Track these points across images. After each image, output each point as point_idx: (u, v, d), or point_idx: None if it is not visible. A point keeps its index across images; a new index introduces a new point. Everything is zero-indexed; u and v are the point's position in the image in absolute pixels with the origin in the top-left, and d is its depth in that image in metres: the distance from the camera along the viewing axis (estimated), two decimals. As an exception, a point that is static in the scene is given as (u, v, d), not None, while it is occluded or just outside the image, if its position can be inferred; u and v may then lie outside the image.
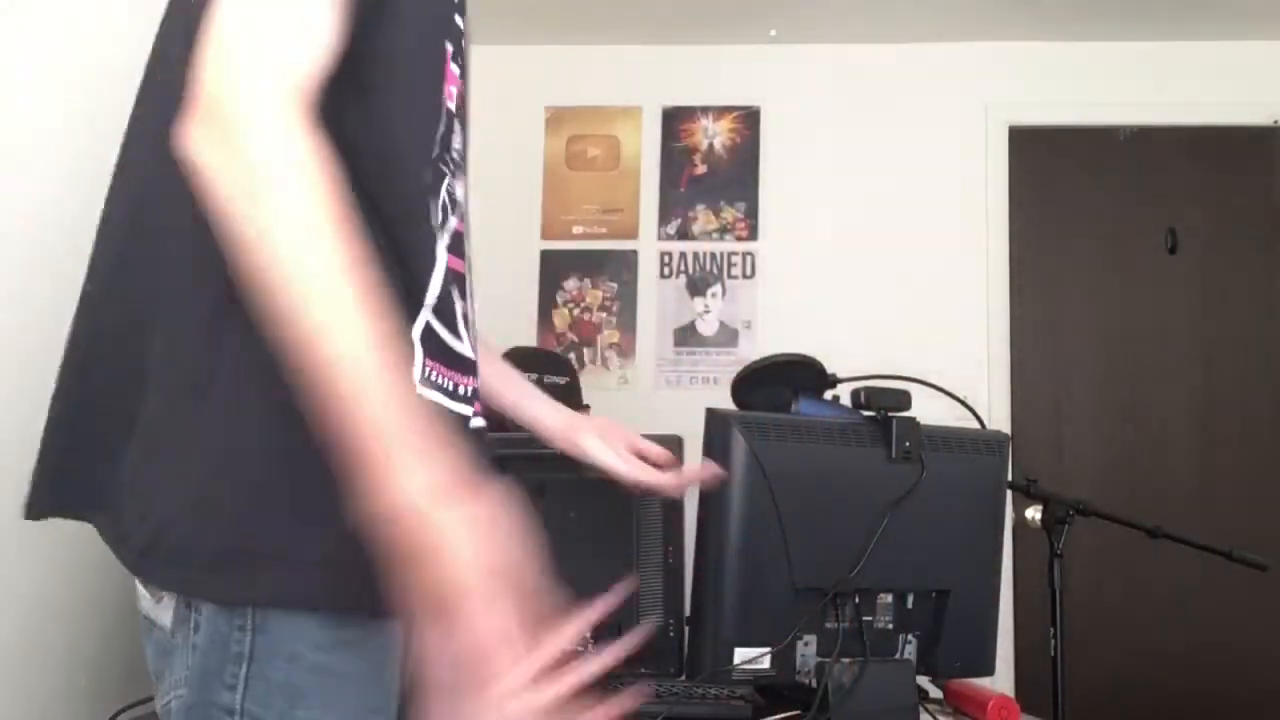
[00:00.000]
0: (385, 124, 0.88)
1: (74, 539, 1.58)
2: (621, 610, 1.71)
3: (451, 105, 0.96)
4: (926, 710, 1.64)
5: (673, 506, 1.75)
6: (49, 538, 1.53)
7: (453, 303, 0.94)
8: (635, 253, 3.60)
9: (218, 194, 0.75)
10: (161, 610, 0.92)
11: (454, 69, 0.96)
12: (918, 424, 1.54)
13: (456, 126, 0.98)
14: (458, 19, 0.98)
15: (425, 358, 0.89)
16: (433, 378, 0.90)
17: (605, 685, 0.78)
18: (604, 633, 1.52)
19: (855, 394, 1.54)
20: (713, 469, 1.42)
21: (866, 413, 1.54)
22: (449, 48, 0.95)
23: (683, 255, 3.60)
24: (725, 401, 1.60)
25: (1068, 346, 3.47)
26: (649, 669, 1.72)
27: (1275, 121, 3.44)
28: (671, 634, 1.73)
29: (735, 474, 1.45)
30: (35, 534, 1.50)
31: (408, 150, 0.90)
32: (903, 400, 1.55)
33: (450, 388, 0.93)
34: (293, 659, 0.84)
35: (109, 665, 1.66)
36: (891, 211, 3.54)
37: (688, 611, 1.51)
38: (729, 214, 3.61)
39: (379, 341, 0.75)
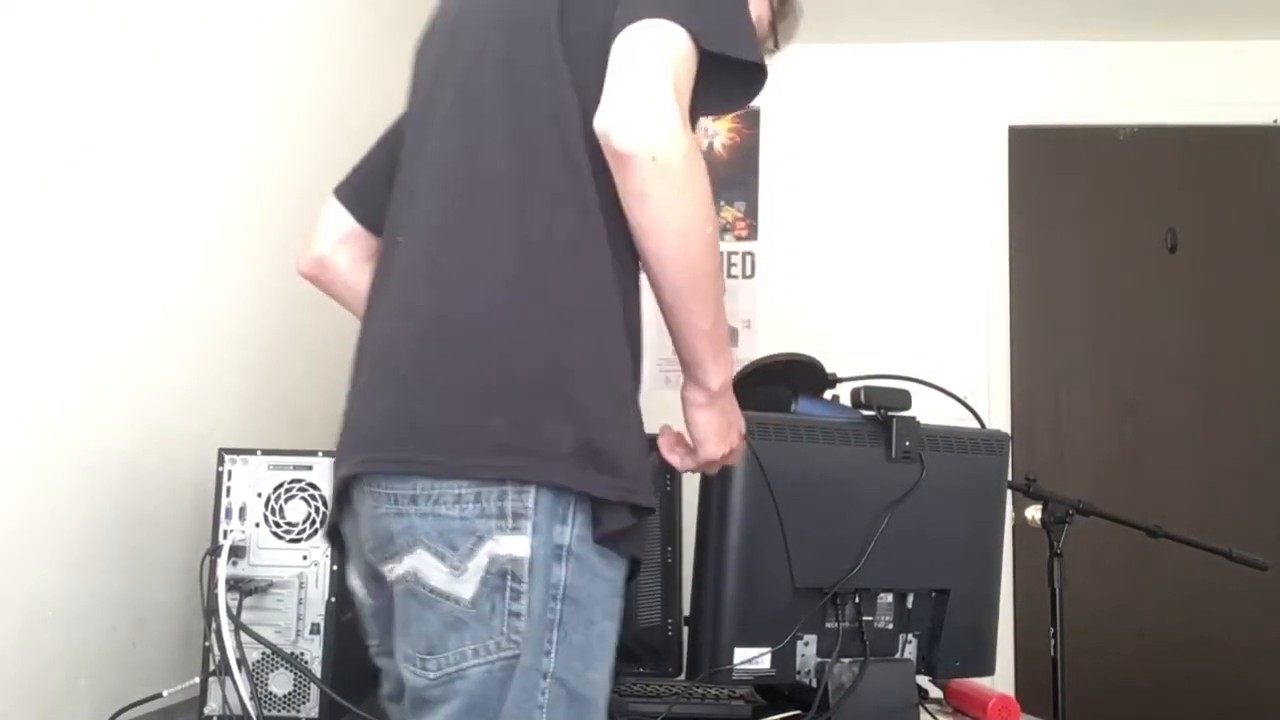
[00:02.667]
0: None
1: (74, 539, 1.58)
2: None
3: None
4: (926, 710, 1.64)
5: (671, 505, 1.75)
6: (49, 538, 1.53)
7: None
8: (635, 253, 3.60)
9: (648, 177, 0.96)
10: (461, 583, 0.96)
11: None
12: (918, 423, 1.54)
13: None
14: None
15: None
16: None
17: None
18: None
19: (855, 393, 1.54)
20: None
21: (867, 412, 1.54)
22: None
23: (683, 255, 3.60)
24: (725, 401, 1.60)
25: (1068, 346, 3.47)
26: (648, 668, 1.72)
27: (1275, 121, 3.44)
28: (670, 633, 1.73)
29: (735, 474, 1.45)
30: (35, 534, 1.50)
31: None
32: (903, 400, 1.55)
33: None
34: (589, 625, 0.97)
35: (109, 665, 1.66)
36: (891, 211, 3.54)
37: (687, 611, 1.51)
38: (729, 214, 3.61)
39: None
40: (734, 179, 3.62)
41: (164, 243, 1.81)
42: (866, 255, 3.53)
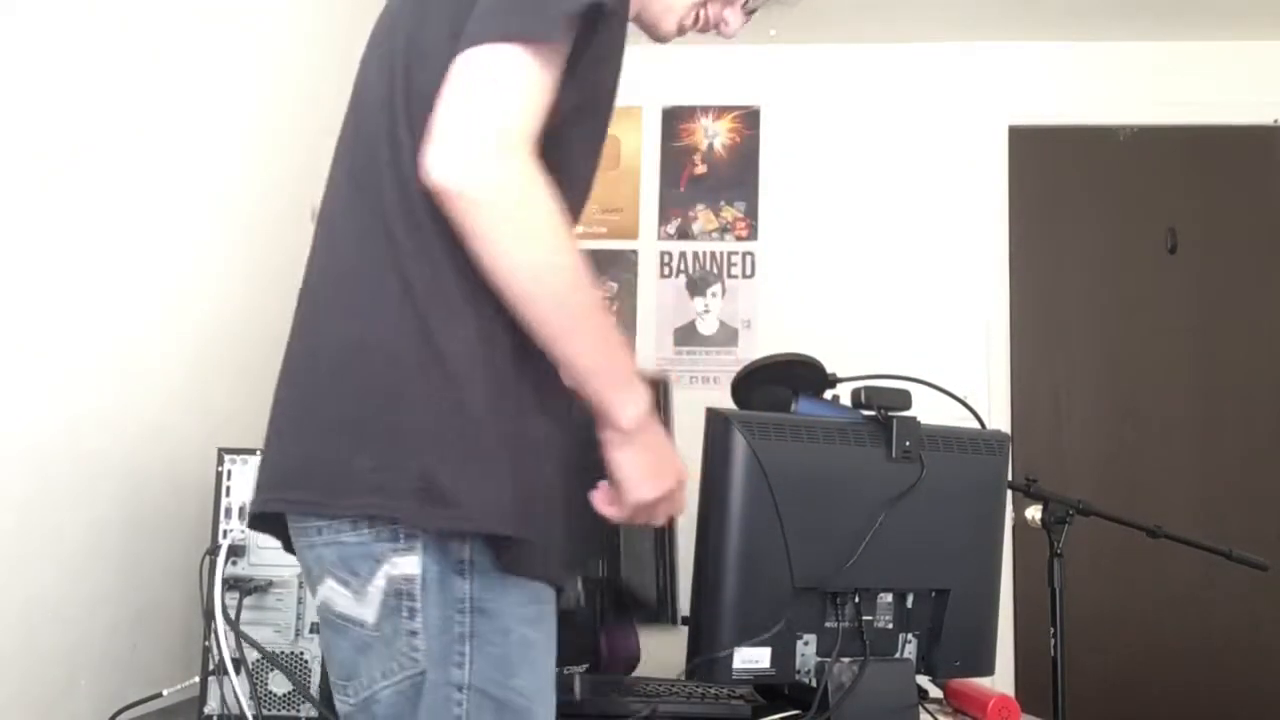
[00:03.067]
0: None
1: (74, 539, 1.58)
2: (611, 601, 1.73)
3: None
4: (926, 710, 1.64)
5: None
6: (49, 538, 1.53)
7: None
8: (635, 252, 3.60)
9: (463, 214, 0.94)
10: (364, 607, 0.99)
11: None
12: (918, 423, 1.54)
13: None
14: None
15: None
16: None
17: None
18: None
19: (855, 393, 1.54)
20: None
21: (867, 412, 1.54)
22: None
23: (682, 255, 3.60)
24: (725, 401, 1.60)
25: (1068, 346, 3.47)
26: (642, 619, 1.74)
27: (1275, 121, 3.44)
28: (661, 584, 1.74)
29: (735, 474, 1.45)
30: (35, 534, 1.50)
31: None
32: (903, 400, 1.54)
33: None
34: (505, 633, 0.98)
35: (109, 665, 1.66)
36: (891, 211, 3.54)
37: (687, 611, 1.51)
38: (729, 214, 3.61)
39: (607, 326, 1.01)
40: (734, 179, 3.62)
41: (164, 243, 1.81)
42: (866, 255, 3.53)
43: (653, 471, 1.06)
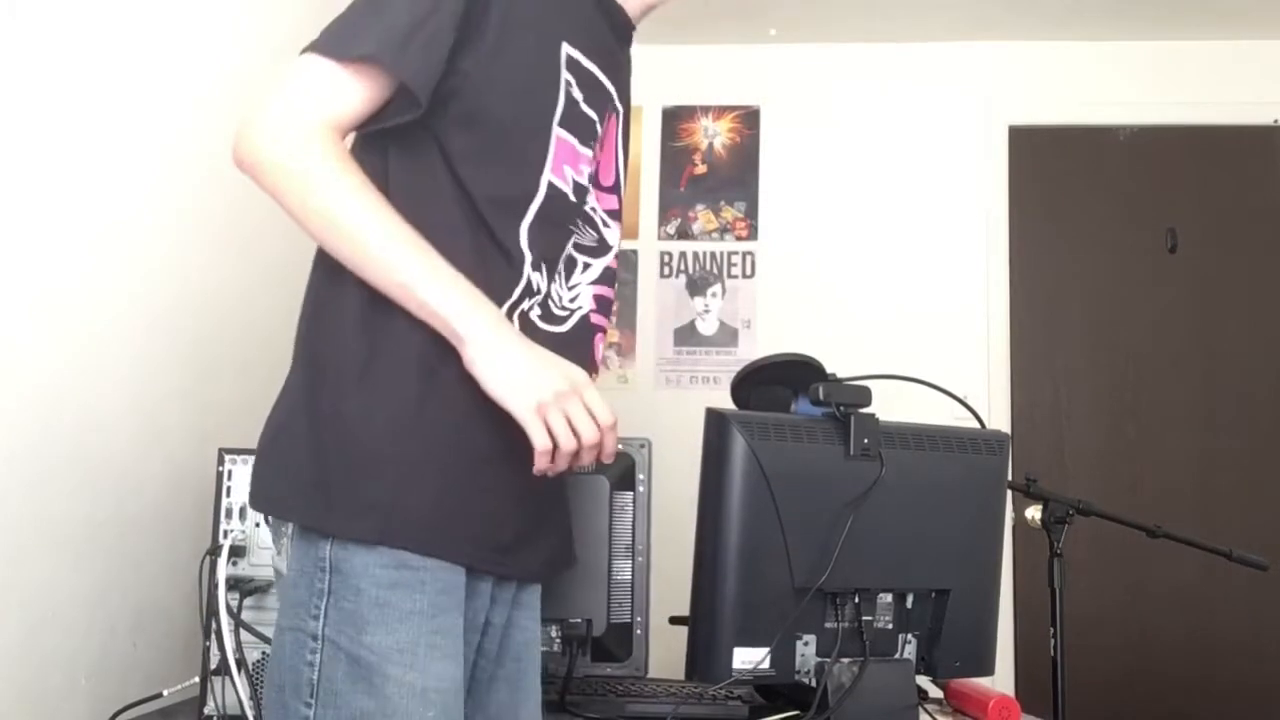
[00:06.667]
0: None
1: (74, 539, 1.58)
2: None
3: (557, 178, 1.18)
4: (926, 710, 1.64)
5: (635, 509, 1.78)
6: (50, 537, 1.53)
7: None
8: (635, 252, 3.60)
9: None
10: (281, 560, 1.17)
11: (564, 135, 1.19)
12: (877, 420, 1.52)
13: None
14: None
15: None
16: None
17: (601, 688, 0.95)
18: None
19: (813, 390, 1.52)
20: None
21: (825, 409, 1.52)
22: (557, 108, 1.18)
23: (683, 255, 3.60)
24: (725, 401, 1.60)
25: (1068, 346, 3.47)
26: (611, 661, 1.75)
27: (1275, 121, 3.44)
28: (639, 631, 1.75)
29: (735, 474, 1.45)
30: (36, 534, 1.50)
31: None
32: (863, 396, 1.52)
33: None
34: (357, 593, 1.07)
35: (109, 665, 1.66)
36: (891, 211, 3.54)
37: (687, 611, 1.51)
38: (729, 214, 3.61)
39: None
40: (734, 179, 3.62)
41: (164, 242, 1.81)
42: (866, 255, 3.53)
43: (526, 375, 1.07)
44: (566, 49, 1.18)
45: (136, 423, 1.73)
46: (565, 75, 1.17)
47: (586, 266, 1.27)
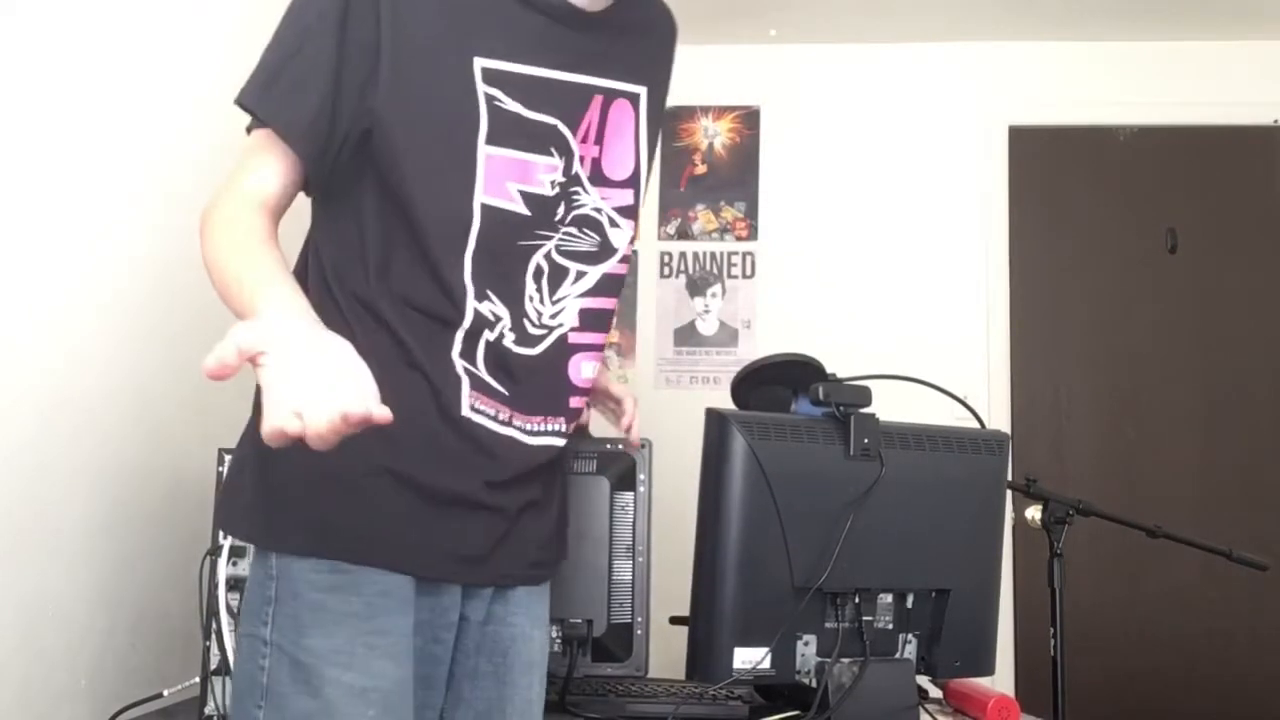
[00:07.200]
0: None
1: (74, 539, 1.58)
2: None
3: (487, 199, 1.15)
4: (926, 710, 1.64)
5: (636, 509, 1.78)
6: (49, 537, 1.53)
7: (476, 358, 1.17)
8: (635, 253, 3.59)
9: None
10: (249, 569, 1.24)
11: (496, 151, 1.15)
12: (877, 420, 1.52)
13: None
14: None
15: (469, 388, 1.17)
16: (475, 405, 1.17)
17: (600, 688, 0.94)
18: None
19: (813, 390, 1.52)
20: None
21: (825, 409, 1.52)
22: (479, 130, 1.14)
23: (682, 255, 3.60)
24: (725, 401, 1.60)
25: (1068, 346, 3.47)
26: (613, 662, 1.75)
27: (1275, 121, 3.44)
28: (639, 631, 1.75)
29: (735, 474, 1.45)
30: (35, 534, 1.50)
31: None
32: (863, 397, 1.52)
33: (491, 414, 1.18)
34: (295, 596, 1.11)
35: (109, 665, 1.66)
36: (891, 211, 3.54)
37: (687, 611, 1.51)
38: (729, 214, 3.61)
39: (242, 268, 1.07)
40: (734, 179, 3.62)
41: (164, 242, 1.81)
42: (867, 255, 3.53)
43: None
44: (481, 63, 1.13)
45: (136, 423, 1.73)
46: (485, 90, 1.13)
47: (580, 276, 1.23)
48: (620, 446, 1.76)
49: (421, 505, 1.16)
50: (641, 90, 1.28)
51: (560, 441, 1.25)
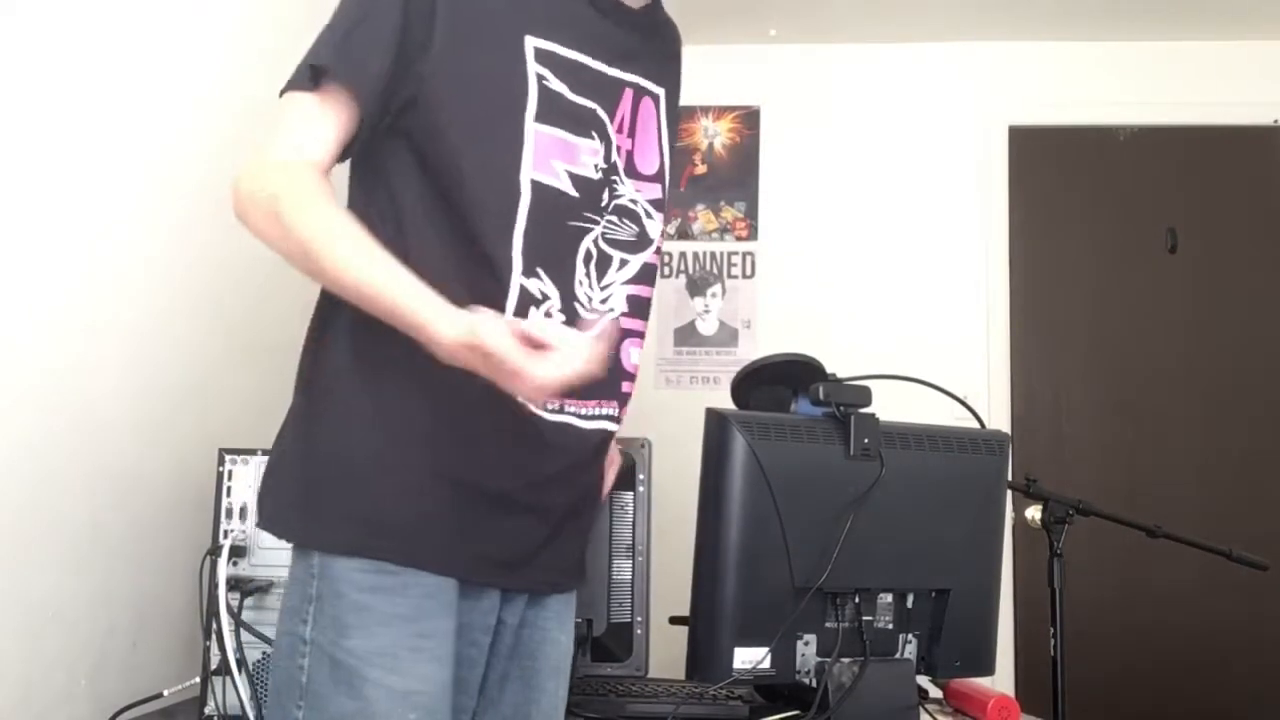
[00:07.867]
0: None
1: (74, 539, 1.58)
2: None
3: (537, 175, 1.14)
4: (926, 710, 1.64)
5: (636, 508, 1.78)
6: (49, 538, 1.53)
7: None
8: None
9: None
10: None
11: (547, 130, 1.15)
12: (877, 420, 1.52)
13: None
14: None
15: None
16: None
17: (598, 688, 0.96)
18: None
19: (813, 390, 1.52)
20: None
21: (825, 409, 1.52)
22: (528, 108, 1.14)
23: (682, 255, 3.60)
24: (725, 401, 1.60)
25: (1068, 346, 3.47)
26: (613, 661, 1.75)
27: (1275, 121, 3.44)
28: (639, 631, 1.75)
29: (735, 474, 1.45)
30: (35, 534, 1.50)
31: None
32: (863, 396, 1.53)
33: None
34: (338, 597, 1.11)
35: (109, 665, 1.66)
36: (891, 211, 3.54)
37: (687, 611, 1.51)
38: (729, 214, 3.61)
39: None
40: (734, 179, 3.62)
41: (164, 242, 1.81)
42: (866, 255, 3.53)
43: (490, 361, 0.99)
44: (533, 42, 1.15)
45: (136, 423, 1.73)
46: (535, 68, 1.14)
47: (624, 263, 1.24)
48: (620, 446, 1.76)
49: (468, 505, 1.15)
50: (661, 92, 1.31)
51: (614, 426, 1.27)
